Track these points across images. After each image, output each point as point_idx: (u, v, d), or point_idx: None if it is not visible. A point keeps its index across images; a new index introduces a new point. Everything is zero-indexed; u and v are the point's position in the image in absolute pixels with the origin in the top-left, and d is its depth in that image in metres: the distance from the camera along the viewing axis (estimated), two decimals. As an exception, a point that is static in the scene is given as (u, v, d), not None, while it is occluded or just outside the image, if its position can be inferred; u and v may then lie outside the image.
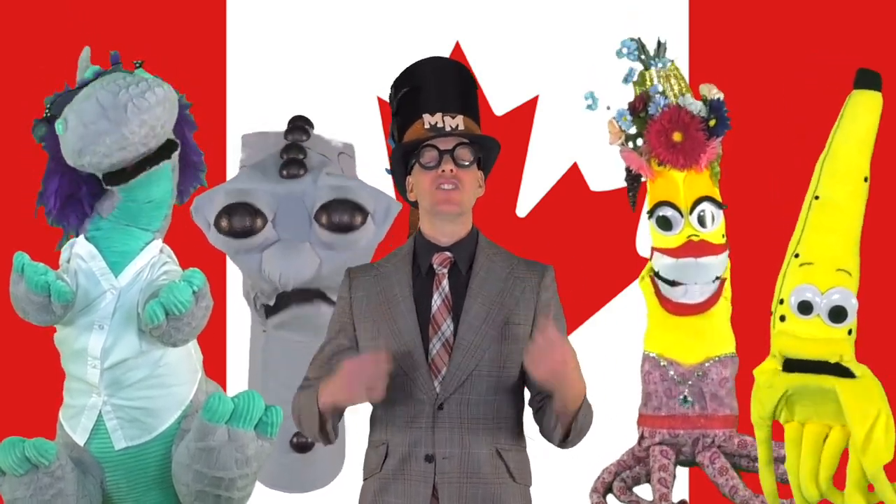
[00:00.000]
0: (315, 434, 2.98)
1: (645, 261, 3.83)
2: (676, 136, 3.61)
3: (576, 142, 4.22)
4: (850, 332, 3.29)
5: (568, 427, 2.92)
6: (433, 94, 3.08)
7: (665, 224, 3.66)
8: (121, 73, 2.98)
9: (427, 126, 3.04)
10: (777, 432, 3.40)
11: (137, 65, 3.03)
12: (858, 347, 3.32)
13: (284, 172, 3.96)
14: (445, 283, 3.03)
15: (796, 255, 3.33)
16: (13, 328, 3.25)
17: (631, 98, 3.73)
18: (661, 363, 3.69)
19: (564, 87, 4.17)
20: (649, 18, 3.73)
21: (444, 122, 3.05)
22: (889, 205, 3.67)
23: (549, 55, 4.27)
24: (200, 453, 2.89)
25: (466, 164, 3.04)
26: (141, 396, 2.99)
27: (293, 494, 3.98)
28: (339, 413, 2.98)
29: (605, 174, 4.13)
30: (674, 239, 3.66)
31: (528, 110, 4.27)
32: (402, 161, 3.10)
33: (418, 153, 3.04)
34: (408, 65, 3.16)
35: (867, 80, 3.40)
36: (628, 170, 3.74)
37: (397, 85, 3.16)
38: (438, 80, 3.11)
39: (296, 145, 4.01)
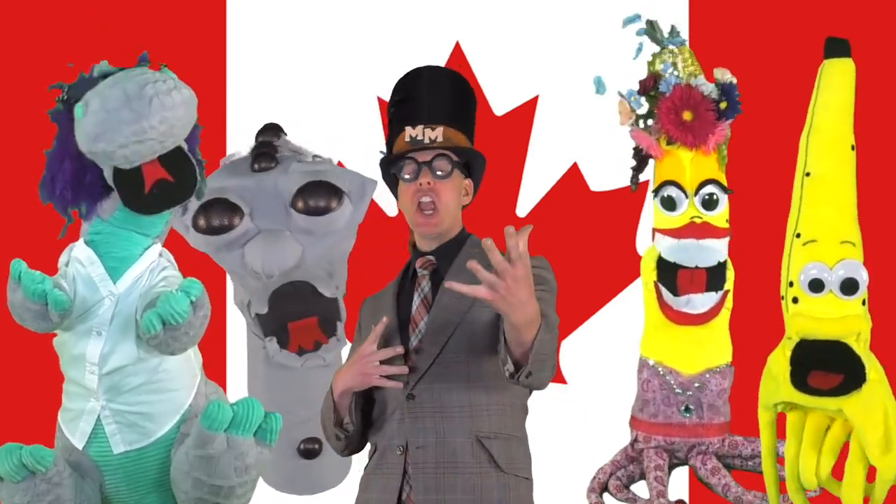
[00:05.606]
0: (334, 429, 3.10)
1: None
2: (686, 115, 3.60)
3: (576, 142, 4.23)
4: (863, 301, 3.27)
5: (525, 356, 2.83)
6: (417, 105, 3.15)
7: (669, 204, 3.64)
8: (148, 69, 2.95)
9: (408, 139, 3.12)
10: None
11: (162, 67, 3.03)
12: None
13: (256, 166, 3.98)
14: (425, 283, 3.12)
15: (798, 235, 3.31)
16: (12, 330, 3.25)
17: (633, 96, 3.72)
18: (661, 371, 3.68)
19: (564, 87, 4.18)
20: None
21: (423, 133, 3.11)
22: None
23: (549, 55, 4.27)
24: (199, 461, 2.89)
25: (443, 174, 3.11)
26: (139, 401, 2.98)
27: (301, 497, 3.98)
28: (353, 404, 3.07)
29: (605, 174, 4.14)
30: (676, 219, 3.64)
31: (528, 110, 4.28)
32: (388, 173, 3.19)
33: (399, 166, 3.13)
34: (405, 71, 3.20)
35: (836, 48, 3.38)
36: (636, 150, 3.72)
37: (391, 96, 3.22)
38: (424, 91, 3.17)
39: (265, 143, 4.02)
